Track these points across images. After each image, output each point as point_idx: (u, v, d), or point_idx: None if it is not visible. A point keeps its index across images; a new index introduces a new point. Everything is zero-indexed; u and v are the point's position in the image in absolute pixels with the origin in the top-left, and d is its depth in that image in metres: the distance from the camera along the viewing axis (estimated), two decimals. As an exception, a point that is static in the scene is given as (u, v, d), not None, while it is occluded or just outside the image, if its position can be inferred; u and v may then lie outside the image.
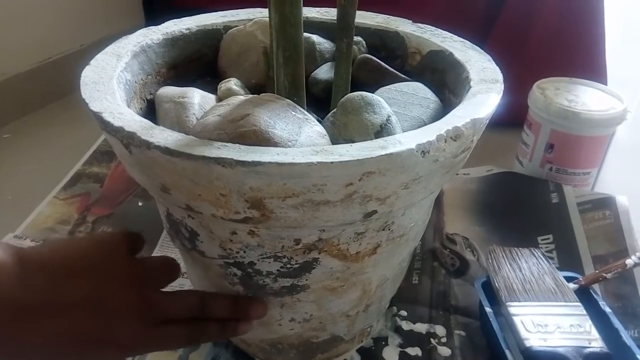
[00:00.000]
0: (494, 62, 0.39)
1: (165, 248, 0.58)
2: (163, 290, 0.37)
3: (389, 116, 0.34)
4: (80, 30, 0.99)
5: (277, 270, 0.35)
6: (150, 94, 0.42)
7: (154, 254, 0.57)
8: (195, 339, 0.38)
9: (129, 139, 0.29)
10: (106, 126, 0.31)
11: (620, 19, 1.18)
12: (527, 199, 0.62)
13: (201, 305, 0.37)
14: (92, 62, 0.38)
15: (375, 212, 0.31)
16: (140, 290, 0.35)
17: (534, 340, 0.42)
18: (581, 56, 0.77)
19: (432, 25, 0.46)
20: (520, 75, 0.67)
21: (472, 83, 0.36)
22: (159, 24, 0.45)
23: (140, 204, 0.64)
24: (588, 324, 0.43)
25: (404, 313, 0.50)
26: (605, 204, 0.59)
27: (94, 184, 0.67)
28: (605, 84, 0.73)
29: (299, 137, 0.32)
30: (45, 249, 0.34)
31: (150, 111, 0.40)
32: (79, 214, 0.63)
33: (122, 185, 0.67)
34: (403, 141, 0.29)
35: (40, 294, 0.31)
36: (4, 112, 0.87)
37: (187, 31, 0.45)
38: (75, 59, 0.95)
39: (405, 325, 0.49)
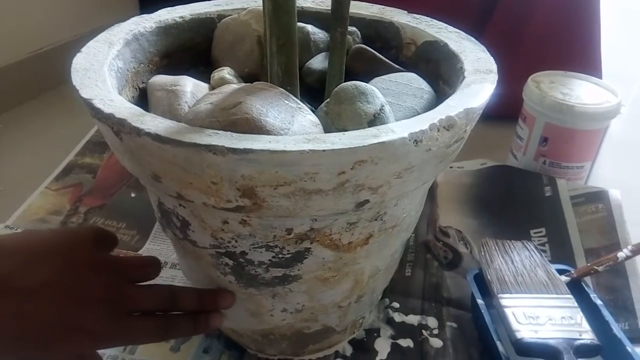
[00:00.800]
0: (488, 53, 0.39)
1: (158, 240, 0.58)
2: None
3: (383, 106, 0.34)
4: (75, 20, 0.98)
5: (269, 260, 0.35)
6: (143, 82, 0.41)
7: (146, 246, 0.57)
8: (167, 332, 0.38)
9: (120, 126, 0.29)
10: (97, 113, 0.30)
11: (616, 13, 1.18)
12: (520, 193, 0.62)
13: (171, 297, 0.37)
14: (84, 49, 0.38)
15: (367, 201, 0.31)
16: (108, 279, 0.35)
17: (525, 332, 0.42)
18: (576, 50, 0.77)
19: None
20: (515, 69, 0.67)
21: (466, 73, 0.36)
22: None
23: (133, 195, 0.64)
24: (579, 316, 0.44)
25: (396, 305, 0.50)
26: (598, 197, 0.59)
27: (86, 175, 0.67)
28: (600, 77, 0.73)
29: (291, 126, 0.31)
30: (7, 237, 0.34)
31: (142, 100, 0.40)
32: (71, 205, 0.62)
33: (115, 176, 0.67)
34: (396, 130, 0.29)
35: (5, 267, 0.31)
36: (-4, 102, 0.86)
37: (181, 19, 0.45)
38: (68, 49, 0.93)
39: (398, 317, 0.49)
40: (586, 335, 0.42)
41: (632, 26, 1.24)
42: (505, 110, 0.71)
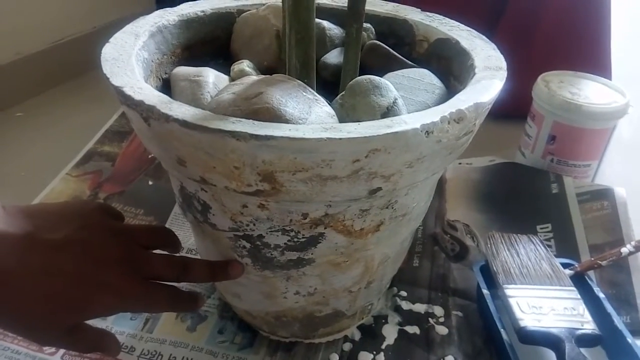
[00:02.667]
0: (498, 51, 0.40)
1: (174, 226, 0.60)
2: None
3: (396, 99, 0.35)
4: (93, 12, 1.00)
5: (285, 243, 0.37)
6: (166, 73, 0.43)
7: (163, 231, 0.59)
8: (183, 299, 0.40)
9: (149, 112, 0.31)
10: (127, 100, 0.32)
11: (628, 16, 1.19)
12: (527, 189, 0.64)
13: (184, 265, 0.39)
14: (112, 40, 0.40)
15: (380, 189, 0.33)
16: (122, 242, 0.36)
17: (528, 320, 0.43)
18: (586, 50, 0.78)
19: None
20: (526, 68, 0.68)
21: (476, 70, 0.38)
22: (171, 7, 0.46)
23: (150, 182, 0.66)
24: (581, 308, 0.45)
25: (404, 294, 0.52)
26: (603, 195, 0.60)
27: (105, 163, 0.69)
28: (610, 78, 0.74)
29: (309, 116, 0.33)
30: (24, 206, 0.36)
31: (165, 90, 0.42)
32: (90, 191, 0.65)
33: (133, 164, 0.69)
34: (408, 121, 0.30)
35: (24, 230, 0.32)
36: (18, 91, 0.89)
37: (202, 13, 0.47)
38: (87, 40, 0.96)
39: (405, 305, 0.51)
40: (588, 325, 0.43)
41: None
42: (514, 109, 0.73)
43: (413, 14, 0.48)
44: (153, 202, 0.63)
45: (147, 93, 0.32)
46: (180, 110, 0.31)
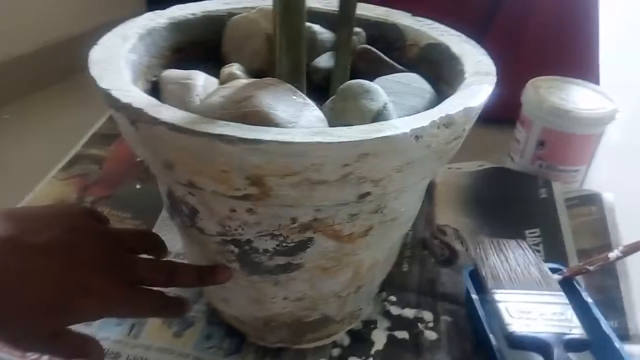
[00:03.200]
0: (488, 56, 0.41)
1: (162, 230, 0.59)
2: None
3: (386, 103, 0.35)
4: (82, 14, 1.00)
5: (273, 248, 0.36)
6: (155, 76, 0.43)
7: (151, 236, 0.58)
8: (169, 303, 0.39)
9: (137, 115, 0.31)
10: (114, 103, 0.32)
11: (616, 23, 1.20)
12: (516, 194, 0.64)
13: (171, 270, 0.38)
14: (100, 42, 0.39)
15: (369, 193, 0.32)
16: (107, 246, 0.36)
17: (517, 325, 0.43)
18: (575, 56, 0.79)
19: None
20: (515, 73, 0.68)
21: (466, 75, 0.38)
22: (161, 10, 0.46)
23: (138, 186, 0.65)
24: (570, 312, 0.45)
25: (393, 298, 0.52)
26: (591, 200, 0.60)
27: (93, 166, 0.68)
28: (598, 83, 0.75)
29: (298, 120, 0.33)
30: (8, 209, 0.35)
31: (154, 93, 0.41)
32: (77, 194, 0.64)
33: (121, 168, 0.68)
34: (398, 126, 0.30)
35: (7, 232, 0.32)
36: (4, 93, 0.88)
37: (192, 16, 0.46)
38: (75, 43, 0.95)
39: (394, 310, 0.51)
40: (576, 330, 0.43)
41: (633, 36, 1.26)
42: (504, 114, 0.73)
43: (403, 19, 0.48)
44: (141, 206, 0.62)
45: (135, 96, 0.32)
46: (168, 113, 0.30)
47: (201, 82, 0.38)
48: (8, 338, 0.35)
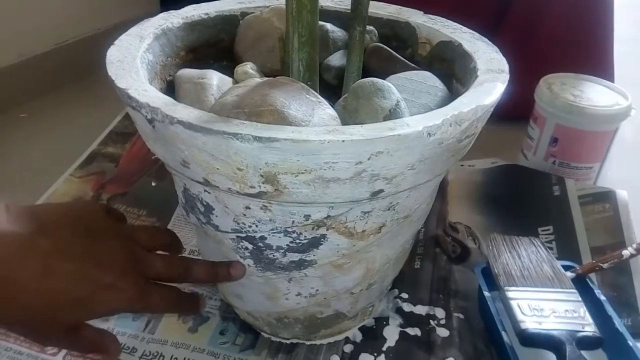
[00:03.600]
0: (500, 53, 0.41)
1: (177, 227, 0.60)
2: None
3: (398, 101, 0.35)
4: (97, 14, 1.01)
5: (287, 245, 0.37)
6: (170, 75, 0.43)
7: (165, 233, 0.59)
8: (178, 303, 0.40)
9: (154, 114, 0.31)
10: (132, 102, 0.33)
11: (630, 18, 1.19)
12: (529, 191, 0.64)
13: (185, 266, 0.39)
14: (117, 42, 0.40)
15: (382, 191, 0.33)
16: (123, 243, 0.36)
17: (529, 323, 0.44)
18: (589, 53, 0.78)
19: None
20: (528, 70, 0.68)
21: (479, 72, 0.38)
22: (175, 10, 0.47)
23: (153, 184, 0.66)
24: (582, 310, 0.45)
25: (405, 295, 0.52)
26: (605, 197, 0.60)
27: (109, 164, 0.70)
28: (612, 81, 0.74)
29: (312, 118, 0.33)
30: (24, 207, 0.35)
31: (169, 92, 0.42)
32: (94, 192, 0.65)
33: (136, 166, 0.69)
34: (411, 124, 0.31)
35: (27, 230, 0.32)
36: (21, 92, 0.89)
37: (206, 16, 0.47)
38: (91, 42, 0.97)
39: (406, 307, 0.51)
40: (589, 328, 0.43)
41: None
42: (517, 111, 0.73)
43: (415, 17, 0.48)
44: (156, 203, 0.63)
45: (152, 95, 0.33)
46: (184, 112, 0.31)
47: (215, 81, 0.39)
48: (27, 332, 0.36)
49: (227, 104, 0.34)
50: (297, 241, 0.37)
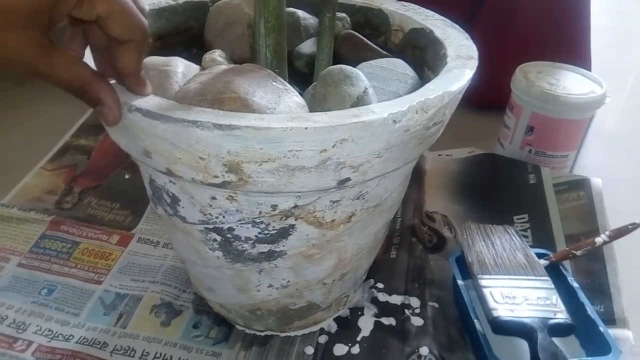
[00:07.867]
0: (471, 40, 0.40)
1: (151, 220, 0.59)
2: None
3: (366, 88, 0.35)
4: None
5: (255, 236, 0.36)
6: (136, 63, 0.42)
7: (139, 226, 0.58)
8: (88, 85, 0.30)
9: (112, 102, 0.30)
10: (90, 90, 0.31)
11: (607, 6, 1.20)
12: (505, 180, 0.64)
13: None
14: (78, 29, 0.39)
15: (348, 179, 0.32)
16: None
17: (501, 310, 0.44)
18: (566, 41, 0.78)
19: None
20: (505, 59, 0.68)
21: (448, 59, 0.37)
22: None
23: (127, 176, 0.65)
24: (555, 297, 0.45)
25: (380, 285, 0.52)
26: (580, 185, 0.60)
27: (81, 156, 0.68)
28: (589, 69, 0.74)
29: (277, 106, 0.33)
30: None
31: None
32: (65, 185, 0.64)
33: (109, 158, 0.68)
34: (376, 110, 0.30)
35: None
36: (-8, 83, 0.87)
37: (174, 2, 0.46)
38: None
39: (382, 297, 0.51)
40: (560, 315, 0.44)
41: (628, 23, 1.25)
42: (495, 100, 0.73)
43: (388, 4, 0.47)
44: (129, 196, 0.62)
45: (113, 82, 0.32)
46: (143, 99, 0.30)
47: (181, 68, 0.38)
48: None
49: (190, 91, 0.33)
50: (266, 232, 0.36)
